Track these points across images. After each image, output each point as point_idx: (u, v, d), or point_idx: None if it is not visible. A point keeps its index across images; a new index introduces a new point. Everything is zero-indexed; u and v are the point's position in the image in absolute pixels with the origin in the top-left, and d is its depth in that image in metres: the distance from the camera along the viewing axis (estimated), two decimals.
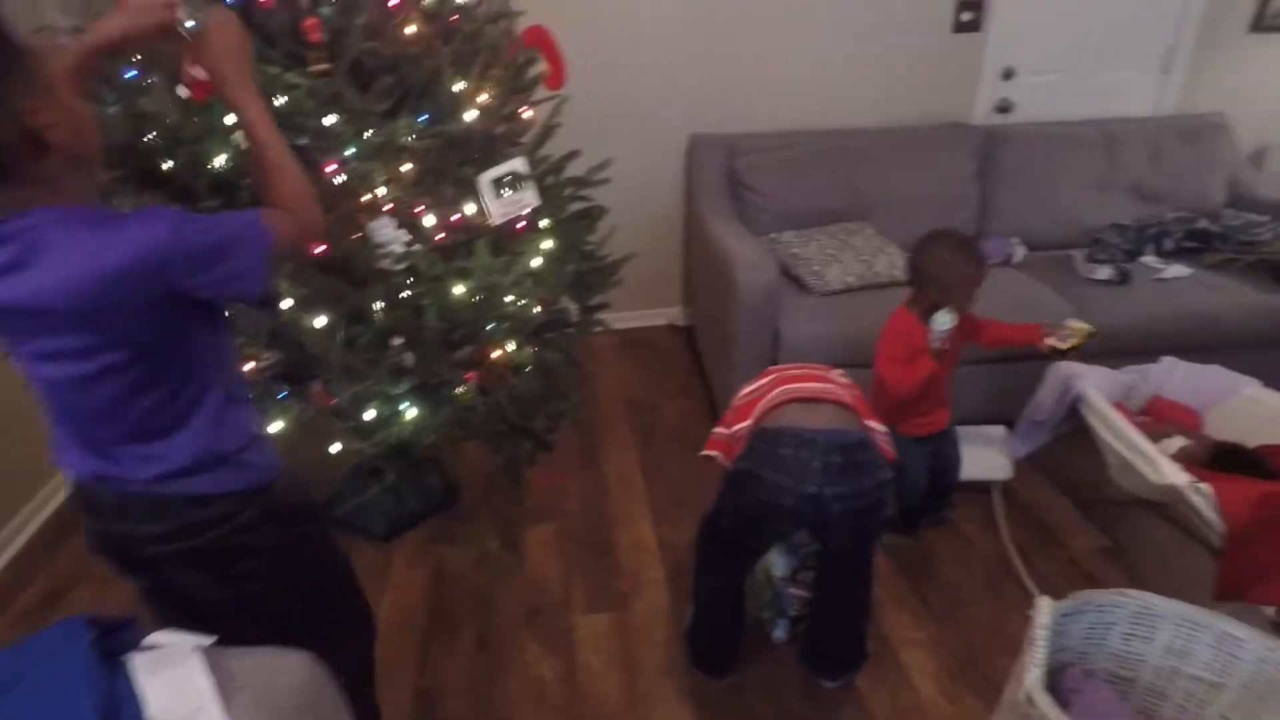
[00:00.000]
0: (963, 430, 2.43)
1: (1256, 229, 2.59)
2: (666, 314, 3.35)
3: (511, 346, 1.76)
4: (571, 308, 1.87)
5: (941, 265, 1.75)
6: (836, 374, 1.57)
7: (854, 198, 2.79)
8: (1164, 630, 1.42)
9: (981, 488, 2.24)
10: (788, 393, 1.44)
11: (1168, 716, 1.46)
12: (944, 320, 1.68)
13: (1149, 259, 2.63)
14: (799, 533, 1.63)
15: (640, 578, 1.99)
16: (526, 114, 1.90)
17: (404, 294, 1.56)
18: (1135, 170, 2.85)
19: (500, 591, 1.96)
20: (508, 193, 1.63)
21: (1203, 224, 2.66)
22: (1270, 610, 1.43)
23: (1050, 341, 1.79)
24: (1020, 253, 2.67)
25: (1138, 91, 3.12)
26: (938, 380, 1.84)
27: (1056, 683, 1.47)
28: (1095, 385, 1.88)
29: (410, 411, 1.61)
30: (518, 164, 1.62)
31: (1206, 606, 1.47)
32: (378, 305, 1.51)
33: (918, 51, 2.91)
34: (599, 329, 2.11)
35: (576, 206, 2.02)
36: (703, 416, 2.66)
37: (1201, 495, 1.42)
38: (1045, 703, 1.16)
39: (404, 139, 1.46)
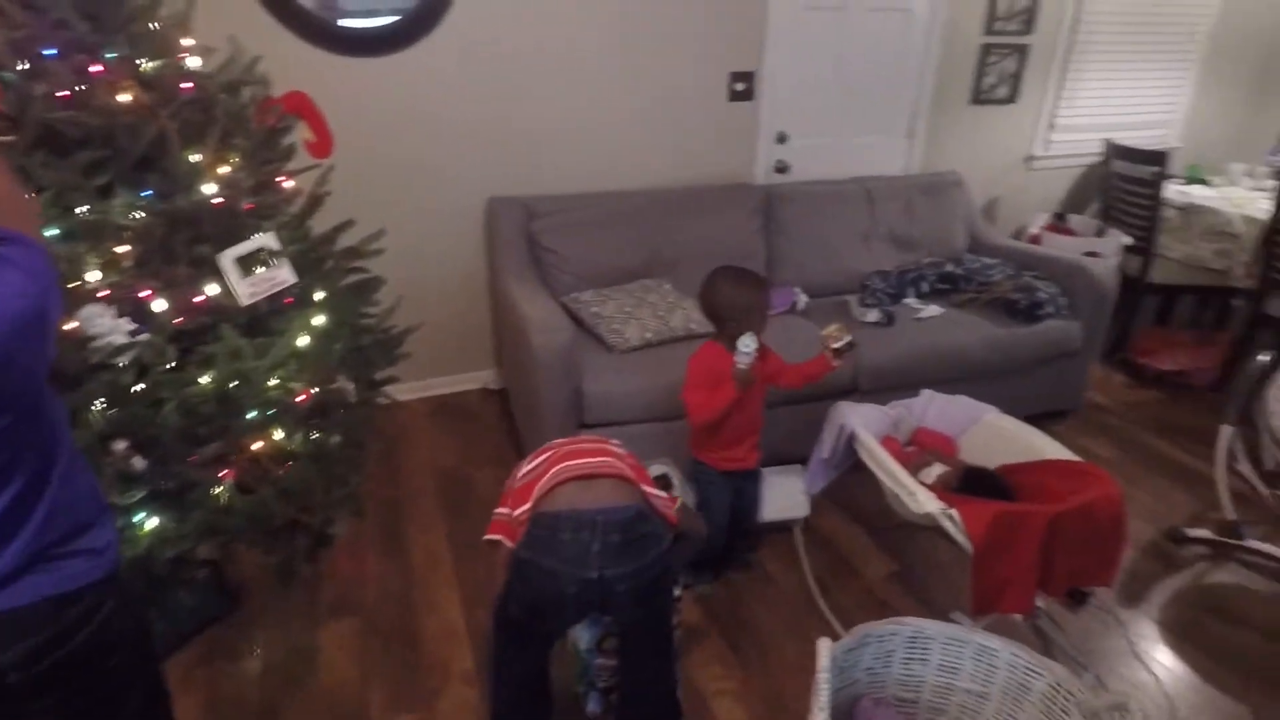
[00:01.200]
0: (763, 472, 2.55)
1: (990, 270, 2.98)
2: (480, 377, 3.26)
3: (278, 435, 1.61)
4: (349, 386, 1.75)
5: (727, 296, 1.87)
6: (614, 444, 1.57)
7: (650, 256, 2.89)
8: (935, 651, 1.53)
9: (784, 527, 2.35)
10: (563, 471, 1.41)
11: None
12: (748, 343, 1.77)
13: (910, 300, 2.94)
14: (589, 616, 1.60)
15: (449, 669, 1.86)
16: (287, 184, 1.78)
17: (135, 389, 1.37)
18: (892, 222, 3.20)
19: (288, 708, 1.74)
20: (259, 270, 1.50)
21: (949, 268, 3.02)
22: (1018, 617, 1.59)
23: (829, 350, 1.92)
24: (803, 300, 2.89)
25: (889, 153, 3.53)
26: (745, 411, 1.91)
27: (851, 715, 1.54)
28: (864, 422, 2.03)
29: (149, 522, 1.40)
30: (266, 239, 1.50)
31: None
32: (98, 405, 1.32)
33: (699, 118, 3.11)
34: (385, 401, 2.00)
35: (353, 278, 1.92)
36: None
37: (951, 519, 1.56)
38: None
39: (122, 217, 1.30)
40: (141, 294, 1.34)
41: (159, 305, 1.36)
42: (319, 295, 1.77)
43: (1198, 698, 1.79)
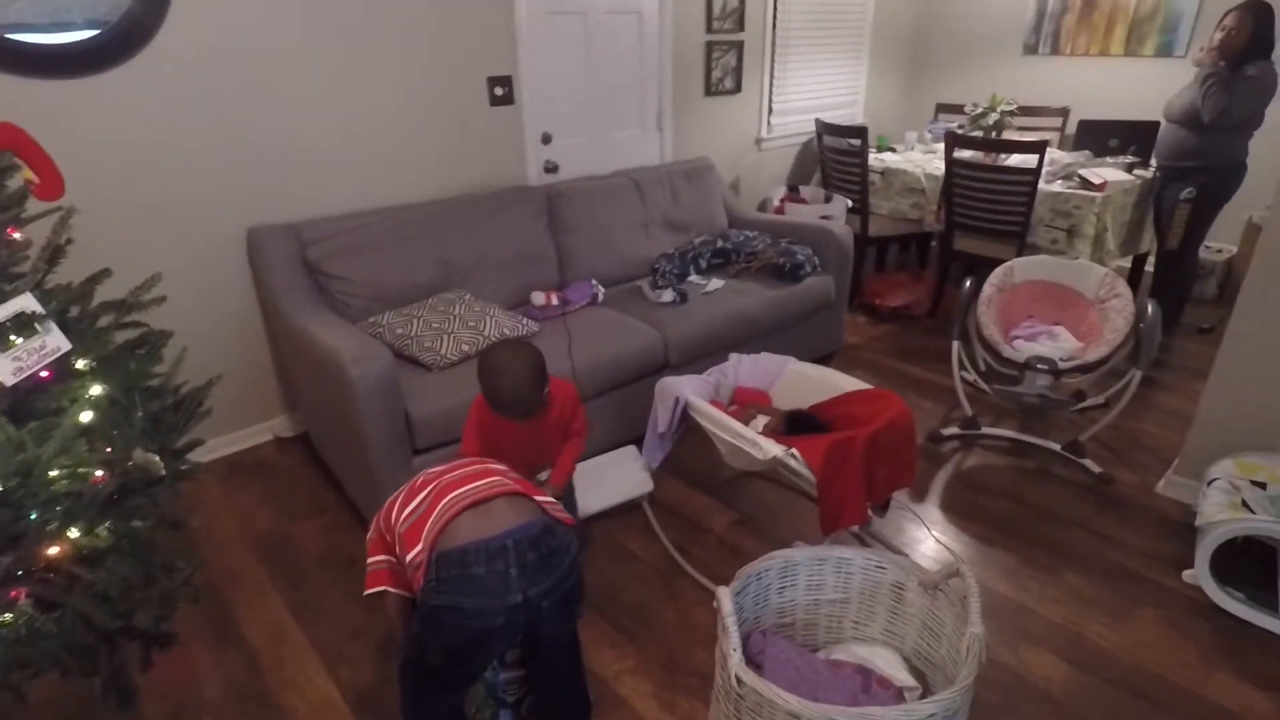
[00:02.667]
0: (602, 459, 2.64)
1: (754, 241, 3.35)
2: (270, 427, 2.94)
3: (75, 534, 1.34)
4: (153, 459, 1.50)
5: (481, 378, 1.74)
6: (491, 462, 1.54)
7: (444, 268, 2.81)
8: (803, 574, 1.73)
9: (634, 505, 2.46)
10: (455, 502, 1.34)
11: (821, 640, 1.78)
12: None
13: (694, 278, 3.20)
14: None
15: None
16: (15, 235, 1.48)
17: None
18: (663, 208, 3.45)
19: None
20: (19, 340, 1.24)
21: (720, 243, 3.34)
22: (856, 529, 1.86)
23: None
24: (601, 292, 3.01)
25: (645, 145, 3.78)
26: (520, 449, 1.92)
27: (745, 652, 1.68)
28: (692, 391, 2.20)
29: None
30: (25, 301, 1.24)
31: (821, 543, 1.84)
32: None
33: (464, 124, 3.08)
34: (187, 469, 1.74)
35: (126, 336, 1.64)
36: (347, 530, 2.39)
37: (795, 458, 1.77)
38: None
39: None
40: None
41: None
42: (82, 363, 1.49)
43: (982, 558, 2.22)
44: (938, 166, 3.84)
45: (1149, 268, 3.96)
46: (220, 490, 2.64)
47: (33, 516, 1.28)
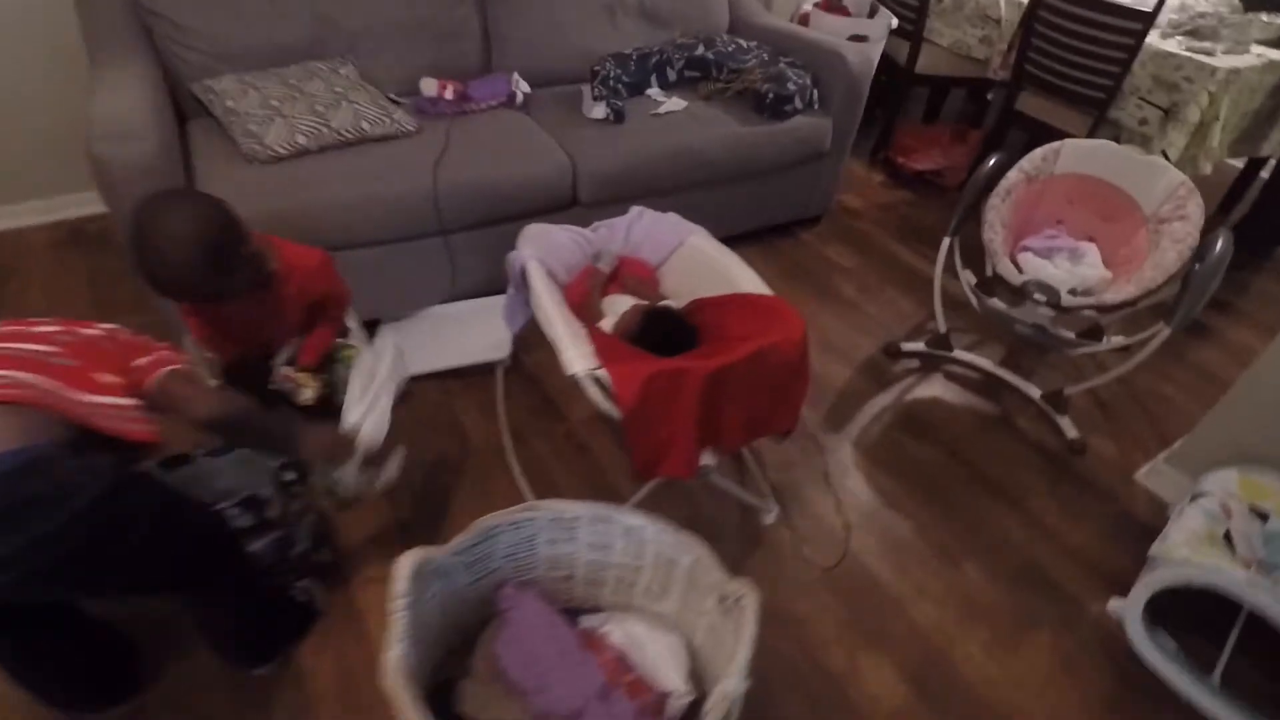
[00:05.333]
0: (464, 308, 2.20)
1: (745, 56, 2.58)
2: None
3: None
4: None
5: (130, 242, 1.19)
6: (51, 328, 1.06)
7: (320, 28, 2.19)
8: (582, 530, 1.33)
9: (487, 370, 2.05)
10: None
11: (607, 599, 1.43)
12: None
13: (654, 92, 2.51)
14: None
15: None
16: None
17: None
18: None
19: None
20: None
21: (700, 50, 2.58)
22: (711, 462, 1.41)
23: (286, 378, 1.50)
24: (522, 92, 2.36)
25: None
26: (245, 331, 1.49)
27: (493, 604, 1.35)
28: (552, 250, 1.68)
29: None
30: None
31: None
32: None
33: None
34: None
35: None
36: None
37: (598, 382, 1.30)
38: (405, 701, 0.96)
39: None
40: None
41: None
42: None
43: (872, 522, 1.79)
44: None
45: (1265, 178, 3.05)
46: (48, 259, 2.30)
47: None
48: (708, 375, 1.28)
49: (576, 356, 1.32)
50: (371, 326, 2.15)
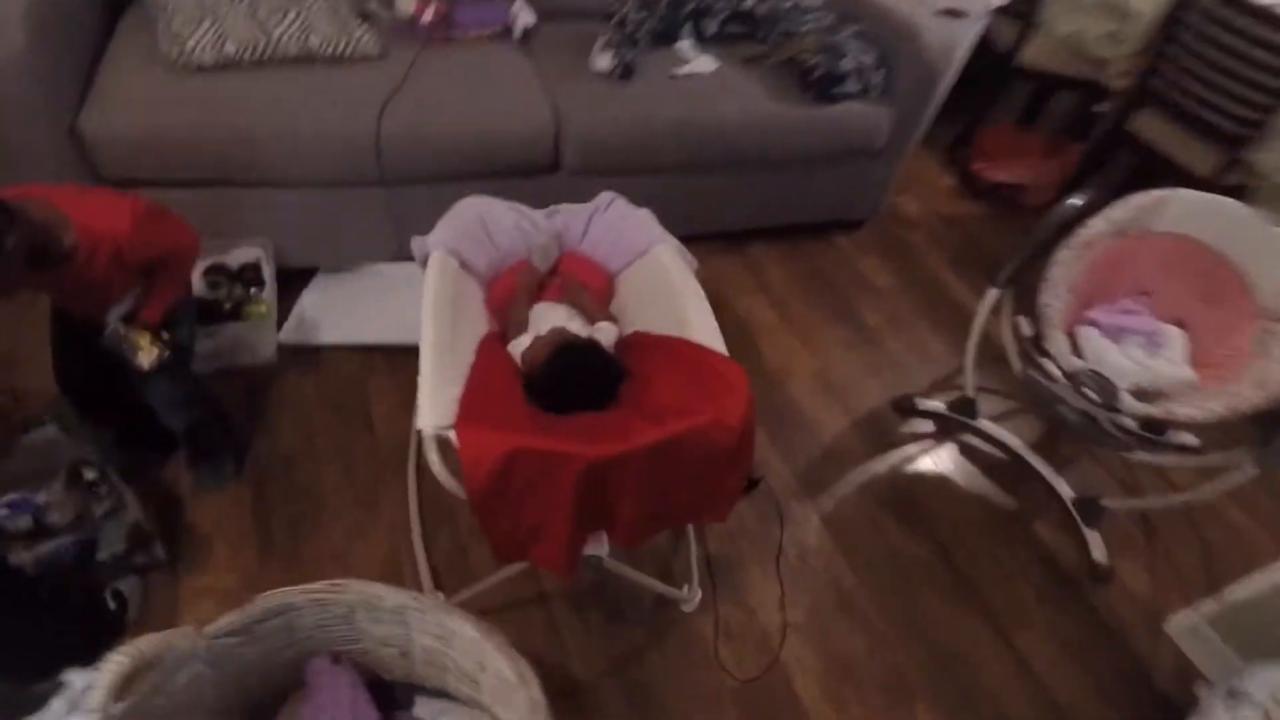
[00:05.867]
0: (398, 273, 1.90)
1: (804, 18, 2.13)
2: None
3: None
4: None
5: None
6: None
7: None
8: (412, 618, 1.05)
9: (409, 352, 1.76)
10: None
11: (452, 685, 1.16)
12: None
13: (683, 45, 2.09)
14: None
15: None
16: None
17: None
18: None
19: None
20: None
21: (749, 3, 2.14)
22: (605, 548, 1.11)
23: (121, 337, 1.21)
24: (525, 20, 1.98)
25: None
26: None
27: (303, 672, 1.10)
28: (481, 233, 1.36)
29: None
30: None
31: None
32: None
33: None
34: None
35: None
36: None
37: (438, 450, 0.98)
38: None
39: None
40: None
41: None
42: None
43: (816, 626, 1.46)
44: None
45: None
46: None
47: None
48: (592, 465, 0.96)
49: (432, 404, 1.00)
50: (308, 275, 1.90)
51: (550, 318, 1.32)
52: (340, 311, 1.77)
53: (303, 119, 1.60)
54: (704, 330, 1.21)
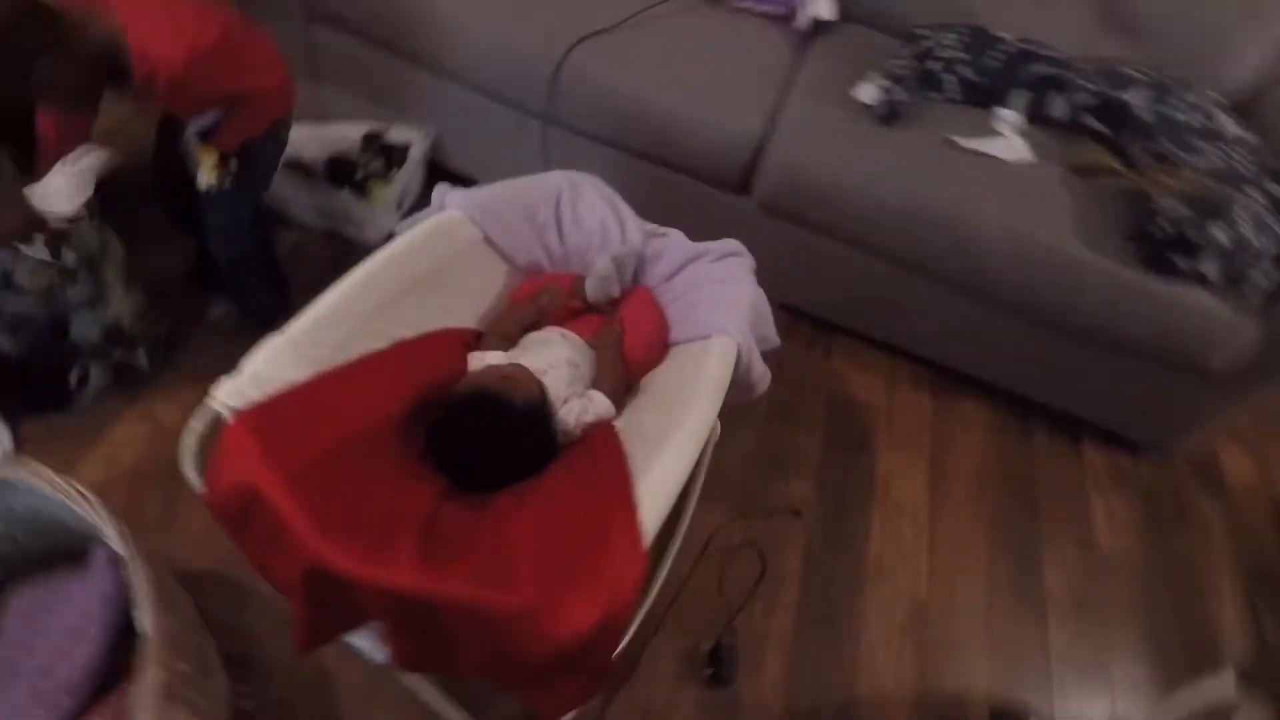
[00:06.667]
0: None
1: (1198, 141, 1.43)
2: None
3: None
4: None
5: None
6: None
7: None
8: None
9: None
10: None
11: None
12: None
13: (1008, 113, 1.53)
14: None
15: None
16: None
17: None
18: None
19: None
20: None
21: (1133, 95, 1.49)
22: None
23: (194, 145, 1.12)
24: (815, 12, 1.58)
25: None
26: None
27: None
28: (482, 210, 1.08)
29: None
30: None
31: None
32: None
33: None
34: None
35: None
36: None
37: (207, 426, 0.75)
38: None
39: None
40: None
41: None
42: None
43: None
44: None
45: None
46: None
47: None
48: (318, 570, 0.66)
49: (250, 375, 0.78)
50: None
51: (550, 351, 1.02)
52: None
53: (497, 22, 1.43)
54: (660, 474, 0.82)
